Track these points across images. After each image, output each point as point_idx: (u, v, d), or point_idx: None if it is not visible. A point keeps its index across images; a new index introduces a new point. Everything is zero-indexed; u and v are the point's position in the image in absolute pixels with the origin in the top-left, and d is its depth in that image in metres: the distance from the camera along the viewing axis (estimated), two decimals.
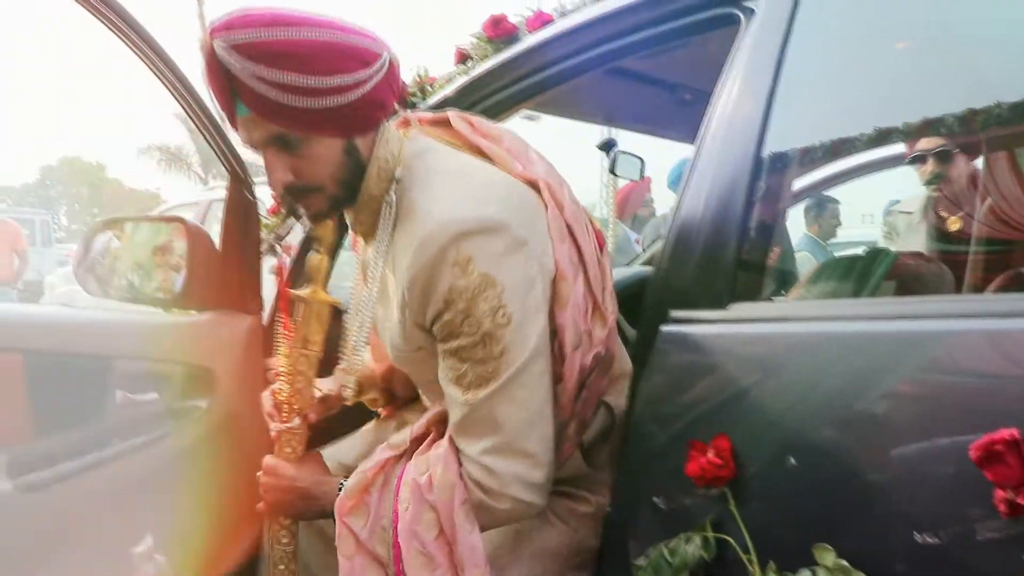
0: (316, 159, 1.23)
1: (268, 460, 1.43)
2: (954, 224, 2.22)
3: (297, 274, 1.82)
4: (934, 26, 1.40)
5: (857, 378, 1.04)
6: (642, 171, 2.79)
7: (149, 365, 1.69)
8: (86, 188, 52.01)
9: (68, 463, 1.48)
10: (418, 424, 1.38)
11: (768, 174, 1.29)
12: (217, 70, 1.15)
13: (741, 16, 1.39)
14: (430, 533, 1.24)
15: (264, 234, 1.87)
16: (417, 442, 1.36)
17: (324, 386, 1.54)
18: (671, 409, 1.24)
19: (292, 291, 1.39)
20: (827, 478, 1.04)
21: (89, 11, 1.53)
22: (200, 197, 8.42)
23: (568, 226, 1.32)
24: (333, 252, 2.01)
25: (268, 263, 1.83)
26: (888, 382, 1.01)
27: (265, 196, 1.75)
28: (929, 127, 1.86)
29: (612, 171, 2.81)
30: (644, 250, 4.21)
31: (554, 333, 1.27)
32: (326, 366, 1.49)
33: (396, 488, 1.28)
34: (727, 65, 1.36)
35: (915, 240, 2.41)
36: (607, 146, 2.75)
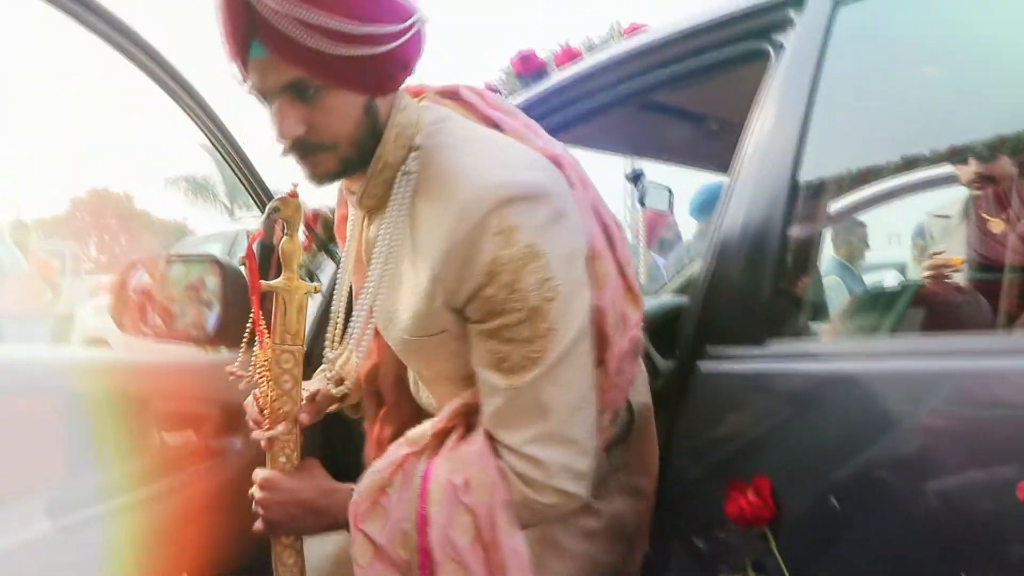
0: (333, 113, 1.12)
1: (261, 473, 1.28)
2: (997, 226, 2.19)
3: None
4: (960, 55, 1.41)
5: (897, 416, 1.03)
6: (671, 201, 2.79)
7: (184, 404, 1.70)
8: (114, 219, 52.70)
9: (105, 504, 1.48)
10: (440, 417, 1.24)
11: (803, 207, 1.29)
12: (237, 5, 1.06)
13: (771, 51, 1.40)
14: (465, 538, 1.13)
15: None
16: (438, 437, 1.23)
17: (310, 386, 1.43)
18: (710, 447, 1.23)
19: (266, 282, 1.25)
20: (869, 518, 1.03)
21: (113, 47, 1.55)
22: (227, 228, 8.53)
23: (593, 204, 1.26)
24: (324, 247, 2.01)
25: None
26: (929, 420, 1.01)
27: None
28: (959, 152, 1.87)
29: (641, 203, 2.81)
30: (670, 278, 4.21)
31: (594, 315, 1.19)
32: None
33: (421, 488, 1.16)
34: (759, 98, 1.37)
35: (953, 244, 2.37)
36: (635, 177, 2.75)
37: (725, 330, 1.26)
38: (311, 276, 1.98)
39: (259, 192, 1.84)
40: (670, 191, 2.71)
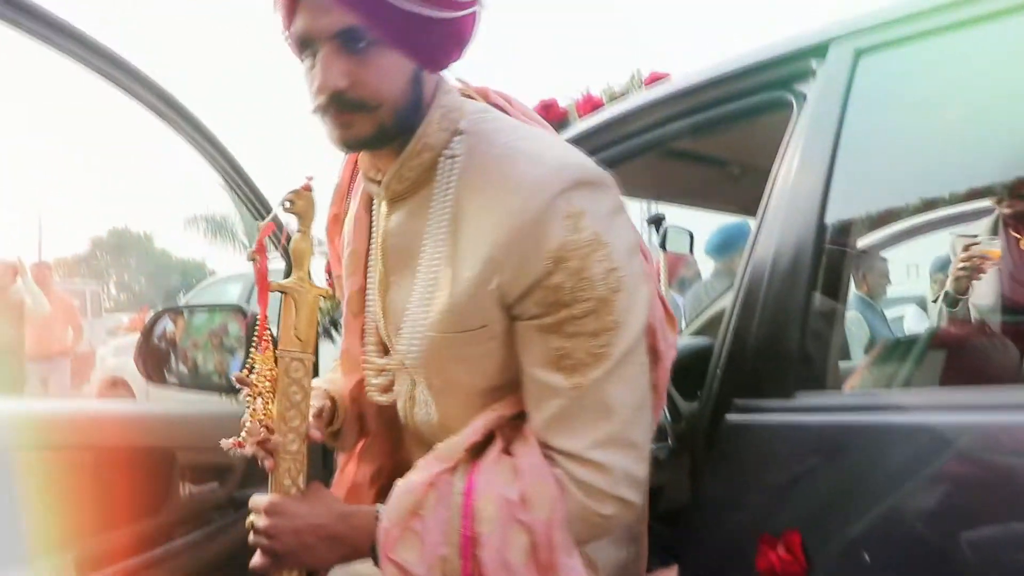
0: (381, 72, 1.03)
1: (265, 499, 1.11)
2: None
3: None
4: (979, 100, 1.42)
5: (928, 470, 1.02)
6: (691, 244, 2.79)
7: (210, 456, 1.70)
8: (134, 258, 53.20)
9: (135, 558, 1.48)
10: (473, 429, 1.13)
11: (830, 258, 1.29)
12: None
13: (793, 100, 1.41)
14: (520, 560, 1.02)
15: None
16: (472, 451, 1.12)
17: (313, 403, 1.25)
18: (739, 502, 1.22)
19: (276, 282, 1.15)
20: (902, 573, 1.02)
21: (131, 96, 1.57)
22: (247, 270, 8.58)
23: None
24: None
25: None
26: (960, 473, 0.99)
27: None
28: (979, 193, 1.90)
29: (663, 246, 2.81)
30: (689, 316, 4.19)
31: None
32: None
33: (464, 506, 1.05)
34: (784, 146, 1.37)
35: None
36: (656, 221, 2.76)
37: (752, 382, 1.26)
38: (335, 325, 1.98)
39: (282, 238, 1.85)
40: (691, 234, 2.72)
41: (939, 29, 1.27)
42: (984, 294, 2.15)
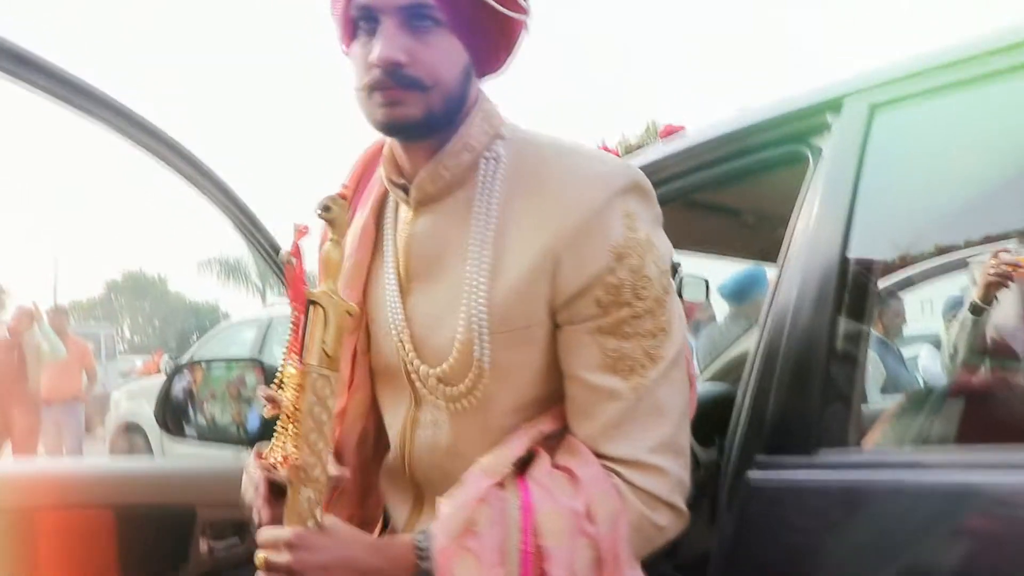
0: (439, 53, 1.03)
1: (284, 532, 0.98)
2: None
3: None
4: (992, 152, 1.44)
5: (954, 529, 1.01)
6: (707, 292, 2.79)
7: (230, 512, 1.70)
8: (148, 302, 53.54)
9: None
10: (518, 444, 1.07)
11: (850, 309, 1.29)
12: None
13: (808, 154, 1.42)
14: (587, 575, 0.99)
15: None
16: (519, 466, 1.06)
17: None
18: (761, 560, 1.20)
19: (309, 291, 1.07)
20: None
21: (141, 149, 1.60)
22: (261, 314, 8.61)
23: None
24: None
25: None
26: (984, 536, 0.99)
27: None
28: (997, 238, 1.91)
29: (679, 294, 2.81)
30: (703, 359, 4.17)
31: None
32: None
33: (523, 521, 0.98)
34: (802, 199, 1.38)
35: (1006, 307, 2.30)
36: (672, 269, 2.76)
37: (774, 438, 1.25)
38: None
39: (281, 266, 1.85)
40: (707, 282, 2.72)
41: (953, 84, 1.28)
42: (1008, 314, 2.13)
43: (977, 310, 2.07)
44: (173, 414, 1.93)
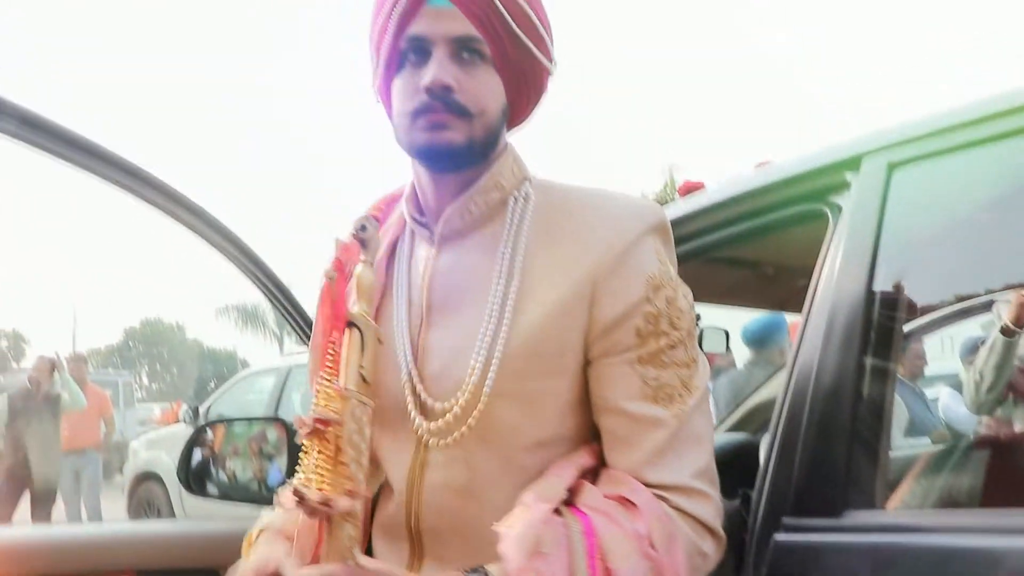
0: (484, 85, 1.08)
1: (326, 570, 0.95)
2: None
3: None
4: (1011, 210, 1.44)
5: None
6: (728, 343, 2.78)
7: None
8: (166, 348, 53.76)
9: None
10: (567, 474, 1.06)
11: (874, 369, 1.28)
12: None
13: (828, 211, 1.43)
14: None
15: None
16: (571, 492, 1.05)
17: None
18: None
19: (349, 311, 1.06)
20: None
21: (154, 206, 1.62)
22: (280, 363, 8.63)
23: None
24: None
25: None
26: None
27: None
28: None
29: (699, 346, 2.80)
30: (726, 402, 4.14)
31: None
32: None
33: (590, 547, 0.96)
34: (823, 256, 1.38)
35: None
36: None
37: (800, 500, 1.24)
38: None
39: (302, 325, 1.85)
40: (727, 333, 2.72)
41: (970, 143, 1.29)
42: None
43: (1009, 332, 2.04)
44: (195, 474, 1.94)
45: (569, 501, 1.04)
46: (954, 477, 1.56)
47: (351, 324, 1.03)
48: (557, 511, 1.00)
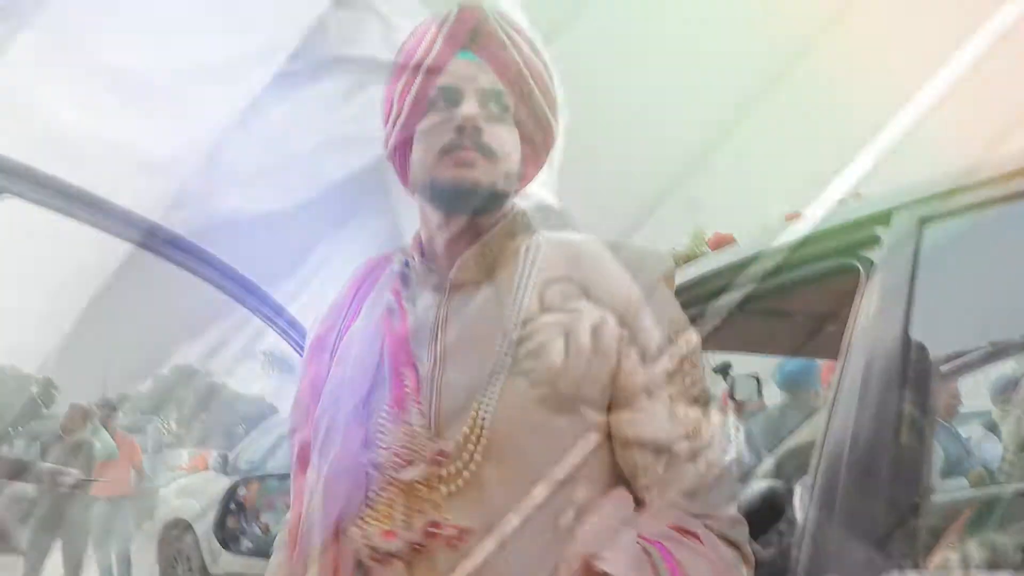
0: (507, 137, 1.14)
1: None
2: None
3: None
4: None
5: None
6: (760, 390, 2.77)
7: None
8: (194, 393, 53.92)
9: None
10: (622, 504, 1.08)
11: (910, 424, 1.28)
12: (472, 18, 1.14)
13: (859, 266, 1.43)
14: None
15: None
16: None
17: None
18: None
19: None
20: None
21: (175, 263, 1.65)
22: None
23: None
24: None
25: None
26: None
27: None
28: None
29: (731, 396, 2.79)
30: (764, 443, 4.09)
31: None
32: None
33: (671, 569, 0.98)
34: (855, 313, 1.39)
35: None
36: (723, 369, 2.76)
37: (838, 561, 1.23)
38: None
39: None
40: (758, 380, 2.70)
41: (1000, 199, 1.29)
42: None
43: None
44: (230, 532, 1.96)
45: None
46: (1000, 532, 1.53)
47: None
48: None
